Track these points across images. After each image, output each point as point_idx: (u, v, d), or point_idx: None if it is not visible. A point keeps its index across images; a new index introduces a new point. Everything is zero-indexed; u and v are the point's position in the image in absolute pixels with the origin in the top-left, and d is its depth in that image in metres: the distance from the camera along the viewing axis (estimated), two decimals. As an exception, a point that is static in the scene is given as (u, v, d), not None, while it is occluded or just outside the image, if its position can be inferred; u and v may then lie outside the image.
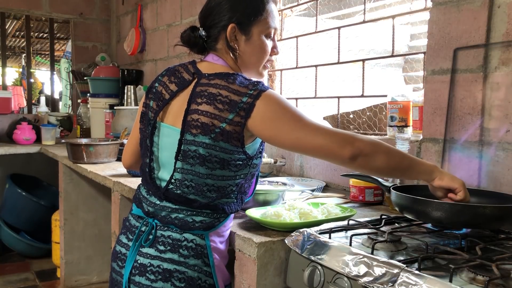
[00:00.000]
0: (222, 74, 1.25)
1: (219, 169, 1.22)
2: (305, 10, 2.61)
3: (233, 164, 1.22)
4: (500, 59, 1.40)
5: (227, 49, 1.31)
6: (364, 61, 2.08)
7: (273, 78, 2.61)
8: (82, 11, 4.36)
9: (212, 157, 1.21)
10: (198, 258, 1.24)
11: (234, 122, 1.18)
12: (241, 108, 1.18)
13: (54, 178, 3.42)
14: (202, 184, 1.24)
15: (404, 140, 1.54)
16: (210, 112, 1.20)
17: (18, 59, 9.58)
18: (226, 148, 1.20)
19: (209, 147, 1.20)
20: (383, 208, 1.62)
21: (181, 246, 1.24)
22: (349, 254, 1.04)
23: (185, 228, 1.25)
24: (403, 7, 2.63)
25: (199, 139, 1.21)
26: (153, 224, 1.27)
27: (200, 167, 1.22)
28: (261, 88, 1.20)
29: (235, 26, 1.29)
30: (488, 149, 1.43)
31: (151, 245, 1.26)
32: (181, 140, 1.24)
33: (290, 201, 1.49)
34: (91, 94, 3.68)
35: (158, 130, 1.32)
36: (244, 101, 1.18)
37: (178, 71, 1.33)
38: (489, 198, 1.26)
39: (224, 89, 1.21)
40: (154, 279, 1.23)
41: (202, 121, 1.21)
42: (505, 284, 0.85)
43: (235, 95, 1.19)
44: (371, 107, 2.16)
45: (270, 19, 1.33)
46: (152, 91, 1.36)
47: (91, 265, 3.30)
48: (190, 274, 1.23)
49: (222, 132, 1.19)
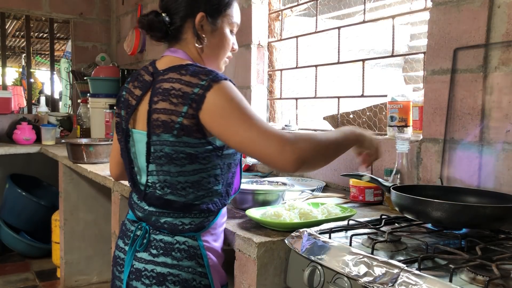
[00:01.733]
0: (175, 67, 1.22)
1: (188, 164, 1.20)
2: (305, 10, 2.61)
3: (201, 157, 1.20)
4: (500, 59, 1.40)
5: (192, 38, 1.28)
6: (364, 61, 2.08)
7: (273, 78, 2.61)
8: (82, 11, 4.36)
9: (179, 154, 1.19)
10: (192, 260, 1.24)
11: (189, 115, 1.16)
12: (192, 100, 1.15)
13: (54, 178, 3.42)
14: (175, 183, 1.23)
15: (404, 140, 1.54)
16: (167, 109, 1.18)
17: (18, 59, 9.59)
18: (189, 142, 1.18)
19: (173, 144, 1.19)
20: (383, 208, 1.62)
21: (173, 249, 1.24)
22: (349, 254, 1.04)
23: (175, 231, 1.25)
24: (403, 7, 2.63)
25: (163, 138, 1.19)
26: (147, 228, 1.28)
27: (169, 165, 1.21)
28: (213, 79, 1.16)
29: (204, 16, 1.27)
30: (488, 149, 1.43)
31: (145, 249, 1.26)
32: (149, 142, 1.23)
33: (290, 201, 1.49)
34: (91, 94, 3.68)
35: (131, 138, 1.31)
36: (195, 92, 1.15)
37: (140, 75, 1.32)
38: (489, 198, 1.26)
39: (177, 82, 1.19)
40: (149, 284, 1.24)
41: (161, 119, 1.19)
42: (505, 284, 0.85)
43: (187, 87, 1.17)
44: (371, 107, 2.16)
45: (235, 14, 1.34)
46: (121, 99, 1.36)
47: (91, 265, 3.30)
48: (184, 276, 1.23)
49: (182, 127, 1.16)
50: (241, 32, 2.60)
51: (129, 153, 1.33)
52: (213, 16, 1.29)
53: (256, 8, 2.53)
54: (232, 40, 1.37)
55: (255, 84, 2.56)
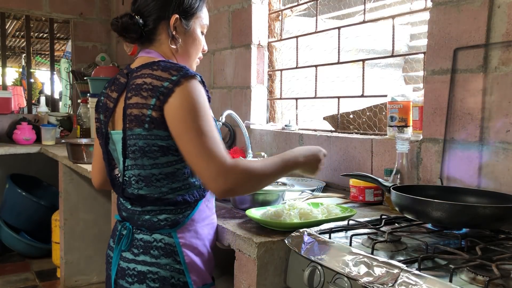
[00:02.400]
0: (148, 64, 1.26)
1: (161, 156, 1.23)
2: (305, 10, 2.61)
3: (173, 148, 1.22)
4: (500, 59, 1.40)
5: (166, 39, 1.32)
6: (364, 61, 2.08)
7: (273, 78, 2.61)
8: (82, 11, 4.36)
9: (151, 147, 1.22)
10: (169, 257, 1.26)
11: (156, 107, 1.19)
12: (161, 93, 1.18)
13: (54, 178, 3.42)
14: (149, 175, 1.25)
15: (404, 140, 1.54)
16: (138, 103, 1.22)
17: (18, 59, 9.58)
18: (159, 135, 1.21)
19: (145, 137, 1.22)
20: (383, 208, 1.62)
21: (152, 247, 1.27)
22: (349, 254, 1.04)
23: (152, 228, 1.28)
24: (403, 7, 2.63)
25: (136, 132, 1.23)
26: (130, 228, 1.32)
27: (142, 159, 1.24)
28: (183, 75, 1.19)
29: (178, 18, 1.31)
30: (488, 149, 1.43)
31: (128, 249, 1.30)
32: (124, 138, 1.26)
33: (290, 201, 1.49)
34: (91, 94, 3.67)
35: (111, 140, 1.35)
36: (165, 85, 1.19)
37: (116, 79, 1.36)
38: (489, 198, 1.26)
39: (149, 77, 1.22)
40: (131, 282, 1.28)
41: (134, 113, 1.22)
42: (505, 284, 0.85)
43: (157, 81, 1.20)
44: (371, 107, 2.16)
45: (205, 16, 1.41)
46: (99, 104, 1.40)
47: (91, 265, 3.30)
48: (162, 274, 1.26)
49: (151, 119, 1.20)
50: (241, 32, 2.61)
51: (109, 156, 1.38)
52: (186, 18, 1.34)
53: (256, 8, 2.53)
54: (203, 41, 1.43)
55: (255, 84, 2.56)
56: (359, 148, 1.89)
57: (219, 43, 2.81)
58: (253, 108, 2.56)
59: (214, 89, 2.87)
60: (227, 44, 2.73)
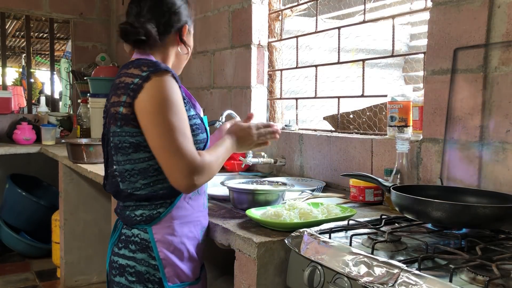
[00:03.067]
0: (128, 63, 1.31)
1: (133, 153, 1.27)
2: (305, 10, 2.61)
3: (143, 145, 1.25)
4: (500, 59, 1.40)
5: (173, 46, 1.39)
6: (364, 61, 2.08)
7: (273, 78, 2.61)
8: (82, 11, 4.36)
9: (122, 143, 1.27)
10: (144, 252, 1.30)
11: (126, 103, 1.23)
12: (131, 89, 1.22)
13: (54, 178, 3.42)
14: (123, 171, 1.30)
15: (404, 140, 1.54)
16: (114, 102, 1.27)
17: (18, 59, 9.58)
18: (129, 131, 1.25)
19: (117, 134, 1.27)
20: (383, 208, 1.62)
21: (130, 242, 1.32)
22: (349, 254, 1.04)
23: (130, 224, 1.32)
24: (403, 7, 2.63)
25: (112, 129, 1.29)
26: (121, 223, 1.37)
27: (117, 155, 1.30)
28: (153, 71, 1.22)
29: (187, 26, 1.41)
30: (488, 149, 1.43)
31: (117, 243, 1.36)
32: (108, 136, 1.33)
33: (290, 201, 1.49)
34: (91, 94, 3.68)
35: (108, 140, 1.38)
36: (135, 82, 1.23)
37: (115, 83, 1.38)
38: (489, 198, 1.26)
39: (123, 76, 1.28)
40: (115, 274, 1.34)
41: (111, 112, 1.28)
42: (505, 284, 0.85)
43: (129, 78, 1.25)
44: (371, 107, 2.16)
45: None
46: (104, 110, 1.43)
47: (91, 265, 3.30)
48: (138, 268, 1.30)
49: (122, 116, 1.24)
50: (241, 32, 2.61)
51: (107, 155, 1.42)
52: (190, 28, 1.44)
53: (256, 8, 2.53)
54: None
55: (255, 84, 2.56)
56: (359, 148, 1.89)
57: (219, 43, 2.81)
58: (253, 108, 2.56)
59: (214, 89, 2.87)
60: (227, 44, 2.73)
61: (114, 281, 1.34)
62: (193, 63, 3.01)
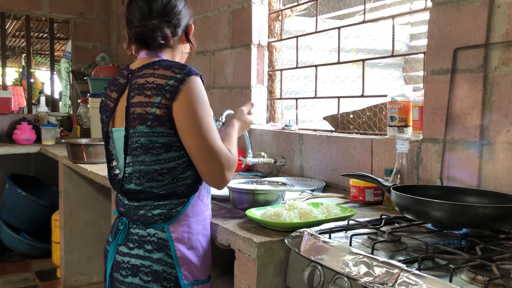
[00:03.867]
0: (148, 64, 1.33)
1: (164, 153, 1.28)
2: (305, 10, 2.61)
3: (175, 145, 1.28)
4: (500, 59, 1.40)
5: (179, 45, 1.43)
6: (364, 61, 2.08)
7: (273, 78, 2.61)
8: (82, 11, 4.36)
9: (154, 144, 1.27)
10: (161, 251, 1.30)
11: (162, 105, 1.25)
12: (167, 91, 1.25)
13: (54, 178, 3.42)
14: (151, 171, 1.30)
15: (404, 140, 1.54)
16: (142, 102, 1.27)
17: (18, 59, 9.58)
18: (163, 132, 1.26)
19: (148, 135, 1.27)
20: (383, 208, 1.62)
21: (146, 242, 1.31)
22: (349, 254, 1.04)
23: (146, 223, 1.32)
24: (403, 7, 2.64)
25: (138, 130, 1.28)
26: (126, 223, 1.36)
27: (145, 156, 1.29)
28: (186, 73, 1.27)
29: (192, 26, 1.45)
30: (488, 149, 1.43)
31: (124, 243, 1.35)
32: (127, 136, 1.31)
33: (290, 201, 1.49)
34: (91, 94, 3.67)
35: (111, 138, 1.41)
36: (170, 84, 1.25)
37: (116, 79, 1.43)
38: (489, 198, 1.26)
39: (151, 76, 1.28)
40: (125, 275, 1.33)
41: (137, 112, 1.28)
42: (505, 284, 0.85)
43: (161, 79, 1.26)
44: (371, 107, 2.16)
45: None
46: (102, 105, 1.46)
47: (91, 265, 3.29)
48: (155, 267, 1.29)
49: (155, 117, 1.25)
50: (241, 32, 2.61)
51: (110, 153, 1.43)
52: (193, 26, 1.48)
53: (256, 8, 2.53)
54: None
55: (255, 84, 2.56)
56: (359, 148, 1.89)
57: (219, 43, 2.81)
58: (253, 108, 2.56)
59: (214, 89, 2.87)
60: (227, 44, 2.73)
61: (125, 282, 1.32)
62: (193, 63, 3.01)
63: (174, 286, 1.30)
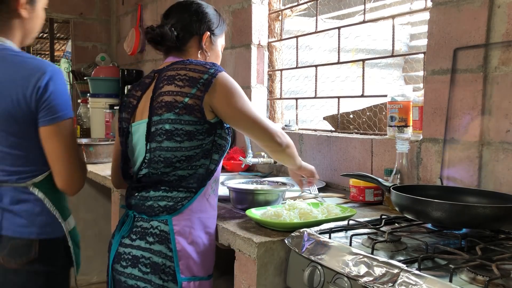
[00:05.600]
0: (179, 61, 1.41)
1: (187, 141, 1.32)
2: (305, 10, 2.61)
3: (199, 133, 1.33)
4: (500, 59, 1.40)
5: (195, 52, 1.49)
6: (364, 61, 2.08)
7: (273, 78, 2.61)
8: (82, 11, 4.36)
9: (179, 131, 1.32)
10: (162, 244, 1.32)
11: (196, 95, 1.31)
12: (202, 84, 1.32)
13: (54, 178, 3.41)
14: (171, 157, 1.33)
15: (404, 140, 1.54)
16: (171, 91, 1.33)
17: (18, 59, 9.57)
18: (189, 120, 1.31)
19: (174, 122, 1.32)
20: (383, 208, 1.62)
21: (148, 234, 1.34)
22: (349, 254, 1.04)
23: (151, 214, 1.35)
24: (403, 7, 2.64)
25: (165, 116, 1.33)
26: (132, 216, 1.38)
27: (167, 141, 1.33)
28: (217, 69, 1.36)
29: (209, 35, 1.51)
30: (488, 149, 1.43)
31: (128, 235, 1.38)
32: (149, 123, 1.36)
33: (290, 201, 1.49)
34: (91, 94, 3.68)
35: (131, 133, 1.44)
36: (204, 78, 1.33)
37: (142, 81, 1.49)
38: (489, 198, 1.26)
39: (182, 70, 1.35)
40: (125, 265, 1.35)
41: (165, 100, 1.33)
42: (505, 284, 0.85)
43: (194, 73, 1.34)
44: (371, 107, 2.16)
45: (224, 37, 1.62)
46: (123, 104, 1.51)
47: (91, 265, 3.29)
48: (154, 259, 1.31)
49: (185, 106, 1.31)
50: (241, 32, 2.61)
51: (127, 149, 1.45)
52: (214, 36, 1.53)
53: (256, 8, 2.53)
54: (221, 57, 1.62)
55: (255, 84, 2.56)
56: (359, 148, 1.89)
57: (219, 43, 2.81)
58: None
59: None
60: (227, 44, 2.73)
61: (125, 273, 1.35)
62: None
63: (172, 279, 1.31)
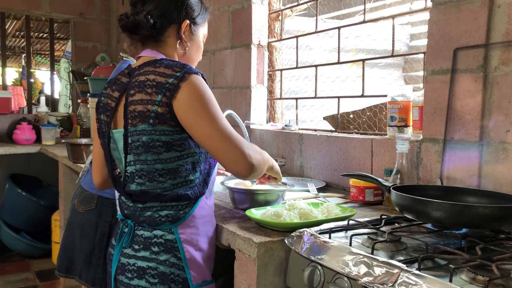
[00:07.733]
0: (150, 62, 1.30)
1: (164, 152, 1.25)
2: (305, 10, 2.61)
3: (176, 144, 1.26)
4: (500, 59, 1.40)
5: (174, 42, 1.38)
6: (364, 61, 2.08)
7: (273, 78, 2.61)
8: (82, 11, 4.36)
9: (155, 142, 1.25)
10: (169, 253, 1.28)
11: (163, 103, 1.22)
12: (166, 89, 1.22)
13: (54, 178, 3.42)
14: (152, 171, 1.27)
15: (404, 140, 1.54)
16: (142, 99, 1.24)
17: (18, 59, 9.57)
18: (164, 130, 1.24)
19: (149, 133, 1.24)
20: (383, 208, 1.62)
21: (152, 244, 1.29)
22: (349, 254, 1.04)
23: (153, 224, 1.30)
24: (403, 7, 2.63)
25: (140, 128, 1.25)
26: (131, 225, 1.33)
27: (146, 154, 1.26)
28: (186, 71, 1.25)
29: (189, 23, 1.38)
30: (488, 149, 1.43)
31: (130, 245, 1.33)
32: (126, 134, 1.28)
33: (290, 201, 1.49)
34: (91, 94, 3.66)
35: (112, 140, 1.36)
36: (170, 82, 1.23)
37: (117, 78, 1.38)
38: (489, 198, 1.26)
39: (152, 74, 1.25)
40: (131, 277, 1.30)
41: (138, 110, 1.25)
42: (505, 284, 0.85)
43: (161, 77, 1.24)
44: (371, 107, 2.16)
45: (206, 27, 1.49)
46: (100, 105, 1.41)
47: (91, 265, 3.29)
48: (162, 269, 1.27)
49: (156, 115, 1.23)
50: (241, 32, 2.61)
51: (111, 156, 1.38)
52: (194, 25, 1.41)
53: (256, 8, 2.53)
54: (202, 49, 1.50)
55: (255, 84, 2.56)
56: (359, 148, 1.89)
57: (219, 43, 2.81)
58: (253, 108, 2.56)
59: (214, 89, 2.87)
60: (227, 44, 2.73)
61: (131, 285, 1.29)
62: (193, 63, 3.01)
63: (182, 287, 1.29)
